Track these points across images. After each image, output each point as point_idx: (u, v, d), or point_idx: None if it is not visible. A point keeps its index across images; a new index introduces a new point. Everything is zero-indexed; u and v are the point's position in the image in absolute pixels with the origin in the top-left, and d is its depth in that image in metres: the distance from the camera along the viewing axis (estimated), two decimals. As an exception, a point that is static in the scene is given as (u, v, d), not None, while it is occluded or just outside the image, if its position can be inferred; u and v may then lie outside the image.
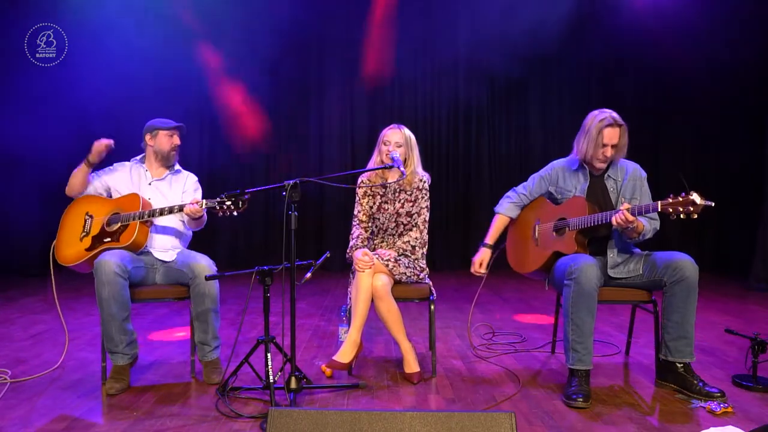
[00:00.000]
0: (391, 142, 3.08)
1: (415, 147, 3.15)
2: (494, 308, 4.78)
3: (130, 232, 2.94)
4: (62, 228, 3.09)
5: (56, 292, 3.11)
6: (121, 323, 2.82)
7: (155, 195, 3.14)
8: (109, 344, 2.85)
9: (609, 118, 2.87)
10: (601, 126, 2.87)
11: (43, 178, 5.92)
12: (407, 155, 3.12)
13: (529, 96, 7.22)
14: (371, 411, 1.59)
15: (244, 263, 6.75)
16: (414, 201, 3.14)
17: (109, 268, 2.76)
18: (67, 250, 3.02)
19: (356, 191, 3.19)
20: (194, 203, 2.86)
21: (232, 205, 2.75)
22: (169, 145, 3.17)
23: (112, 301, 2.77)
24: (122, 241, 2.93)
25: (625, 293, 2.92)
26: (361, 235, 3.15)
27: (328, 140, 7.20)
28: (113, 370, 2.86)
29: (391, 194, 3.15)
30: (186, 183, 3.25)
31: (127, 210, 3.00)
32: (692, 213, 2.45)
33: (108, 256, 2.82)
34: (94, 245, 2.97)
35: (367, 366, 3.21)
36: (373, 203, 3.17)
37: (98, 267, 2.78)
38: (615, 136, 2.86)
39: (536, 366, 3.20)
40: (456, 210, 7.17)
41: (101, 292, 2.77)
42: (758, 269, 5.56)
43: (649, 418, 2.47)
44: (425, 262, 3.16)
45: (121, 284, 2.80)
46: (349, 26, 6.97)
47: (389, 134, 3.11)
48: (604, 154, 2.88)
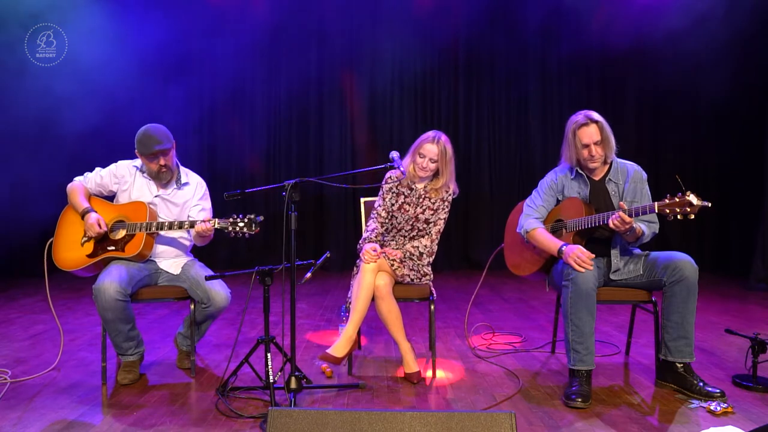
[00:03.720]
0: (426, 157, 3.05)
1: (450, 161, 3.08)
2: (494, 308, 4.78)
3: (136, 244, 2.89)
4: (61, 230, 3.02)
5: (57, 292, 3.11)
6: (127, 333, 2.88)
7: (160, 206, 3.07)
8: (117, 350, 2.93)
9: (582, 117, 2.87)
10: (575, 128, 2.88)
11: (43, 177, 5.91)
12: (441, 170, 3.09)
13: (529, 95, 7.21)
14: (371, 411, 1.59)
15: (244, 263, 6.74)
16: (435, 210, 3.14)
17: (110, 296, 2.72)
18: (66, 253, 2.96)
19: (382, 185, 3.19)
20: (206, 221, 2.80)
21: (245, 227, 2.71)
22: (155, 167, 2.99)
23: (117, 321, 2.80)
24: (127, 252, 2.89)
25: (624, 293, 2.92)
26: (376, 229, 3.14)
27: (328, 140, 7.19)
28: (124, 365, 2.94)
29: (416, 198, 3.14)
30: (194, 195, 3.14)
31: (132, 219, 2.94)
32: (689, 214, 2.46)
33: (108, 278, 2.75)
34: (96, 252, 2.92)
35: (367, 366, 3.21)
36: (395, 201, 3.16)
37: (99, 293, 2.73)
38: (592, 134, 2.84)
39: (536, 366, 3.20)
40: (456, 210, 7.16)
41: (105, 315, 2.77)
42: (758, 269, 5.55)
43: (649, 418, 2.47)
44: (430, 269, 3.15)
45: (123, 306, 2.78)
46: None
47: (427, 148, 3.05)
48: (590, 154, 2.86)
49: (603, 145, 2.86)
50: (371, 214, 3.20)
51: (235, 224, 2.73)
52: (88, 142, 6.03)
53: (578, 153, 2.90)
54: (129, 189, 3.06)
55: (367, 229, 3.17)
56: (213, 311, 2.99)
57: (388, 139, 7.06)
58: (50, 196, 4.36)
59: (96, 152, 5.73)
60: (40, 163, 6.12)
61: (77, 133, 6.00)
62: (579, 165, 2.96)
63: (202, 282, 2.93)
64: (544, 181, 3.11)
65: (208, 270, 3.08)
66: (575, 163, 2.95)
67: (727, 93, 6.10)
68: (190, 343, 3.06)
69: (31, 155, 6.17)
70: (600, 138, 2.84)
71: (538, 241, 2.94)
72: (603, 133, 2.85)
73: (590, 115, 2.87)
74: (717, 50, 5.95)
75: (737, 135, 6.31)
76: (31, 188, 6.25)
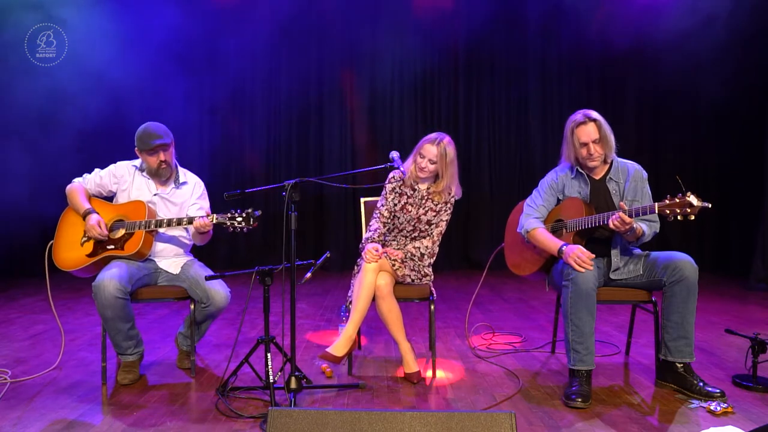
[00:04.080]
0: (425, 157, 3.05)
1: (451, 163, 3.05)
2: (494, 308, 4.78)
3: (135, 241, 2.90)
4: (61, 230, 3.03)
5: (57, 292, 3.11)
6: (127, 332, 2.87)
7: (159, 204, 3.08)
8: (117, 349, 2.93)
9: (580, 116, 2.86)
10: (573, 126, 2.88)
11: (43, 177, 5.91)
12: (441, 171, 3.06)
13: (529, 95, 7.21)
14: (371, 411, 1.59)
15: (244, 263, 6.74)
16: (437, 212, 3.13)
17: (109, 293, 2.72)
18: (66, 253, 2.97)
19: (385, 185, 3.19)
20: (204, 216, 2.81)
21: (243, 222, 2.73)
22: (154, 162, 3.01)
23: (117, 319, 2.80)
24: (127, 250, 2.89)
25: (624, 293, 2.92)
26: (379, 229, 3.14)
27: (328, 140, 7.19)
28: (124, 365, 2.93)
29: (418, 199, 3.14)
30: (192, 194, 3.15)
31: (131, 218, 2.94)
32: (689, 214, 2.46)
33: (107, 276, 2.75)
34: (96, 251, 2.92)
35: (367, 366, 3.21)
36: (398, 201, 3.16)
37: (98, 290, 2.73)
38: (590, 132, 2.83)
39: (536, 366, 3.20)
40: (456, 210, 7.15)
41: (104, 313, 2.77)
42: (758, 269, 5.55)
43: (649, 418, 2.47)
44: (431, 270, 3.15)
45: (123, 303, 2.78)
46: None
47: (426, 148, 3.05)
48: (588, 153, 2.86)
49: (601, 144, 2.85)
50: (374, 214, 3.20)
51: (233, 219, 2.75)
52: (89, 142, 6.04)
53: (577, 152, 2.90)
54: (128, 188, 3.07)
55: (370, 229, 3.17)
56: (213, 311, 3.00)
57: (388, 139, 7.06)
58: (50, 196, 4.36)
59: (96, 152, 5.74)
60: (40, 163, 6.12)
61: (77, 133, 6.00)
62: (579, 164, 2.96)
63: (202, 281, 2.93)
64: (545, 180, 3.10)
65: (207, 270, 3.08)
66: (575, 162, 2.95)
67: (727, 93, 6.09)
68: (190, 343, 3.06)
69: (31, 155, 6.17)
70: (598, 136, 2.84)
71: (538, 241, 2.94)
72: (601, 132, 2.84)
73: (588, 113, 2.86)
74: (717, 50, 5.94)
75: (737, 135, 6.31)
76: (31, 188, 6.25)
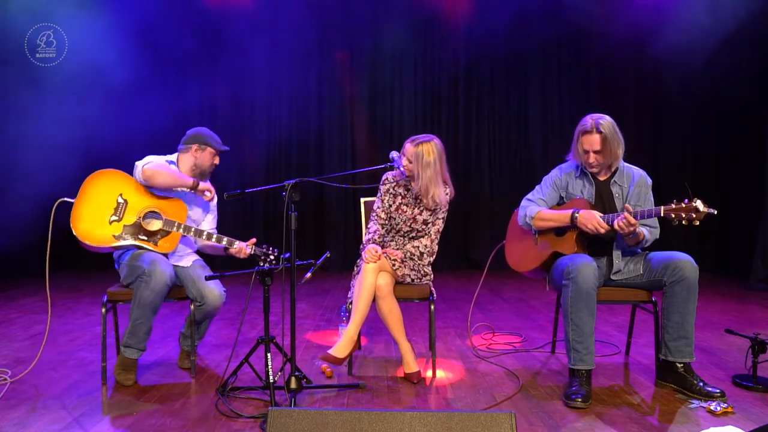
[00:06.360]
0: (405, 156, 3.05)
1: (427, 165, 2.96)
2: (494, 308, 4.78)
3: (171, 242, 2.95)
4: (86, 198, 2.87)
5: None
6: (150, 326, 2.90)
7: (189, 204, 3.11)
8: (130, 340, 2.87)
9: (589, 123, 2.85)
10: (580, 130, 2.88)
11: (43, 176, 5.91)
12: (417, 172, 3.01)
13: (529, 95, 7.21)
14: (371, 411, 1.59)
15: (244, 263, 6.72)
16: (432, 211, 3.13)
17: (163, 282, 2.80)
18: (90, 225, 2.84)
19: (379, 187, 3.19)
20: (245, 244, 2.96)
21: (275, 260, 2.90)
22: (210, 162, 3.14)
23: (154, 309, 2.85)
24: (160, 248, 2.92)
25: (624, 293, 2.93)
26: (378, 230, 3.14)
27: (328, 140, 7.18)
28: (124, 364, 2.89)
29: (412, 199, 3.14)
30: (211, 204, 3.23)
31: (169, 215, 2.94)
32: (694, 220, 2.48)
33: (162, 265, 2.81)
34: (123, 236, 2.88)
35: (367, 366, 3.21)
36: (393, 202, 3.16)
37: (153, 276, 2.77)
38: (593, 143, 2.83)
39: (536, 366, 3.20)
40: (456, 210, 7.15)
41: (146, 297, 2.79)
42: (758, 269, 5.55)
43: (649, 418, 2.47)
44: (430, 269, 3.16)
45: (164, 296, 2.86)
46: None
47: (406, 147, 3.06)
48: (587, 161, 2.88)
49: (602, 155, 2.86)
50: (371, 216, 3.20)
51: (267, 255, 2.92)
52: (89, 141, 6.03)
53: (579, 156, 2.94)
54: None
55: (369, 231, 3.17)
56: (208, 309, 3.01)
57: (388, 139, 7.05)
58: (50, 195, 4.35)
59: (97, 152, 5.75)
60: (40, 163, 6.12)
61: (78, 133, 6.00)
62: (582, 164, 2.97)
63: (197, 281, 2.97)
64: (548, 177, 3.12)
65: (208, 270, 3.09)
66: (579, 162, 2.97)
67: (727, 93, 6.10)
68: (190, 343, 3.06)
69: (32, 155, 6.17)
70: (599, 148, 2.84)
71: (545, 219, 2.91)
72: (605, 145, 2.83)
73: (598, 123, 2.82)
74: (717, 50, 5.95)
75: (737, 135, 6.31)
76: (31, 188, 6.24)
